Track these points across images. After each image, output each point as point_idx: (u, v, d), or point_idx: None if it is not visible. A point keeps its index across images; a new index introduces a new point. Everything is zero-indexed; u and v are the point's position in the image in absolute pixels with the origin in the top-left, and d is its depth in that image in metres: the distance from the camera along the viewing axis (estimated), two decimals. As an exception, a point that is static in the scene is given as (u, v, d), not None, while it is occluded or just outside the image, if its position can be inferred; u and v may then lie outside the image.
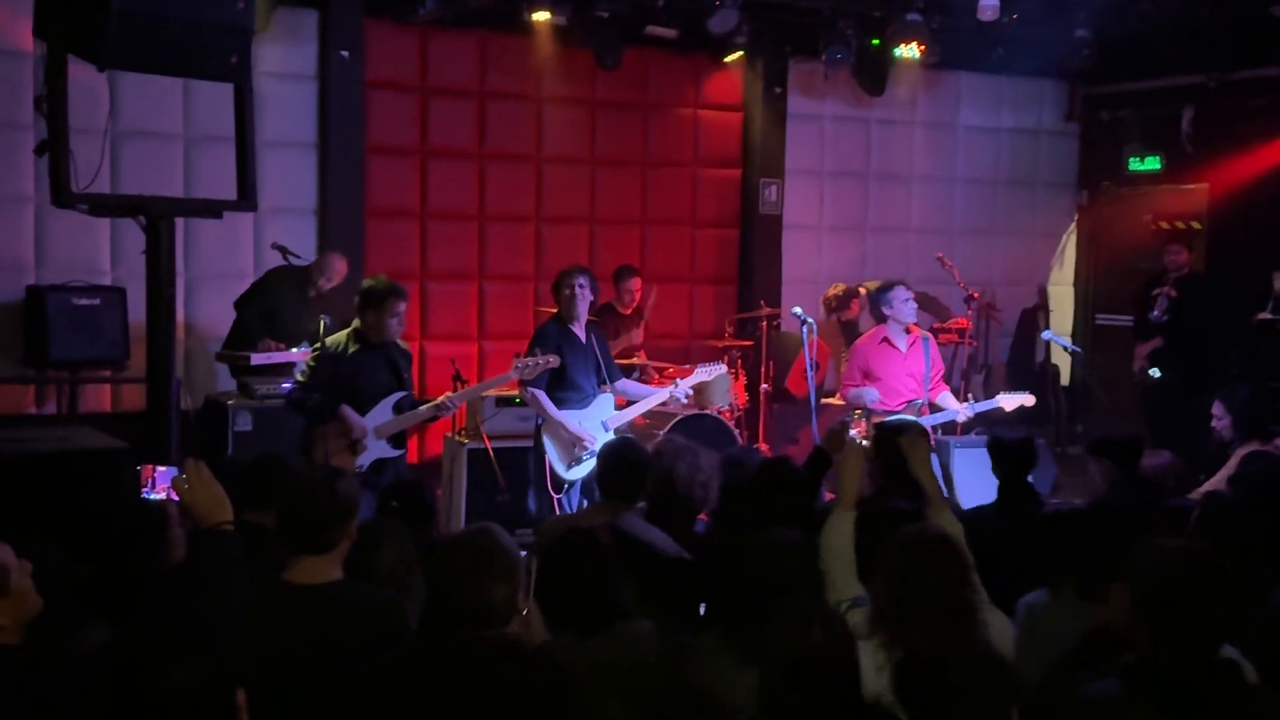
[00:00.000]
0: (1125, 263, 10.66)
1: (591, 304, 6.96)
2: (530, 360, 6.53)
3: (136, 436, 5.43)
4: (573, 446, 6.80)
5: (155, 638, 2.39)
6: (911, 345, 7.54)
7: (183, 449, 5.80)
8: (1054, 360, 11.03)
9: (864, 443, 5.27)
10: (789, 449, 8.30)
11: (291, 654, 3.22)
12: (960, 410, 7.43)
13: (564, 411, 6.76)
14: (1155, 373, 9.13)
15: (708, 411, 8.11)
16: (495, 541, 3.07)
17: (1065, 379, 11.05)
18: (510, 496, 7.16)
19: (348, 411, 6.05)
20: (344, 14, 8.59)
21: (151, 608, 3.28)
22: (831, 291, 9.97)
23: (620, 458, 4.68)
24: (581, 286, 6.80)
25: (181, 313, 7.22)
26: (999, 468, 5.17)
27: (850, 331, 9.40)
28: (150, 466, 4.55)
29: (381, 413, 6.18)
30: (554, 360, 6.62)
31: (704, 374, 7.56)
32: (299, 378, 6.31)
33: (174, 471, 3.52)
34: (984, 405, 7.53)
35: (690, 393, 7.45)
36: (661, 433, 7.69)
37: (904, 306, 7.54)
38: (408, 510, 4.54)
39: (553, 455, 6.79)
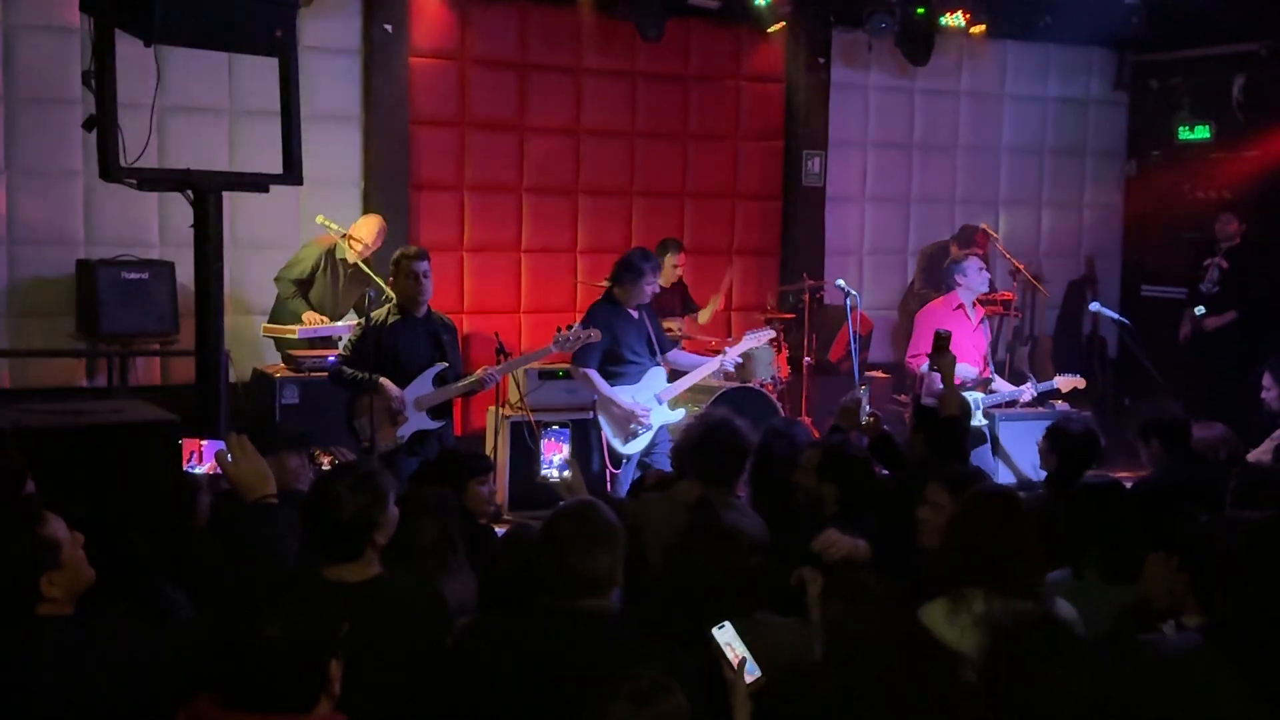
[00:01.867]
0: (1173, 233, 10.51)
1: None
2: (571, 334, 6.59)
3: (186, 409, 5.48)
4: (627, 422, 6.87)
5: (257, 588, 2.41)
6: (980, 320, 7.51)
7: (231, 421, 5.86)
8: (1100, 333, 10.91)
9: (870, 419, 5.26)
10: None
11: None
12: (1024, 390, 7.41)
13: (616, 387, 6.85)
14: (1200, 310, 9.05)
15: (751, 385, 8.09)
16: (599, 513, 3.15)
17: (1111, 351, 10.94)
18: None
19: (386, 384, 6.14)
20: (387, -13, 8.61)
21: (227, 572, 3.31)
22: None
23: (720, 442, 4.49)
24: (651, 284, 6.91)
25: (229, 286, 7.25)
26: (1056, 456, 5.11)
27: None
28: (192, 439, 4.59)
29: (421, 385, 6.25)
30: (595, 335, 6.65)
31: (752, 340, 7.52)
32: (343, 351, 6.38)
33: (220, 445, 3.52)
34: (1045, 386, 7.51)
35: (740, 360, 7.43)
36: (704, 407, 7.69)
37: (978, 276, 7.49)
38: (444, 479, 4.56)
39: (608, 432, 6.90)
